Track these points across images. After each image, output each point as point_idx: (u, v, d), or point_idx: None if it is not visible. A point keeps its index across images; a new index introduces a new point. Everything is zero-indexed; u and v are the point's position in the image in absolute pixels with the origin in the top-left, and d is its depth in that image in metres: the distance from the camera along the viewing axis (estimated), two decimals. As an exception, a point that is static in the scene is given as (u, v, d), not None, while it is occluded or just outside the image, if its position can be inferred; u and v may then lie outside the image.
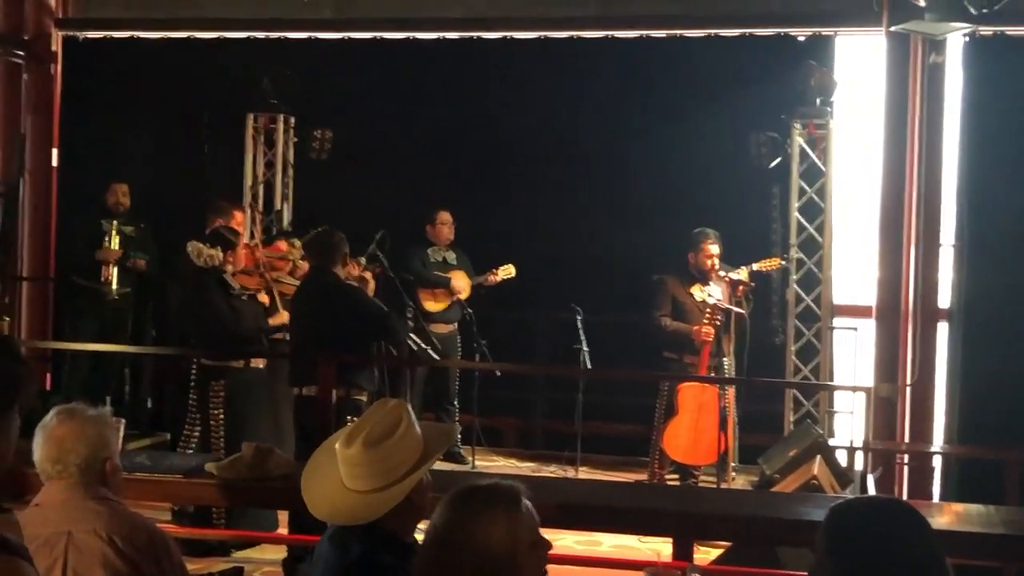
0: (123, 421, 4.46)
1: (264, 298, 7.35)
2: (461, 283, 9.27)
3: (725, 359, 8.13)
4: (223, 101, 10.22)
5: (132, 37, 10.48)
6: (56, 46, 10.31)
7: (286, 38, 10.25)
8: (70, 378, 9.40)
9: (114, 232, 9.26)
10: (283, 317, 7.17)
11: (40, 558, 3.12)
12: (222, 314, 6.83)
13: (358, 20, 10.21)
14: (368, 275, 7.47)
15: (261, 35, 10.27)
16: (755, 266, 8.21)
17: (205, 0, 10.48)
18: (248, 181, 10.08)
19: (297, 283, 7.46)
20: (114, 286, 9.21)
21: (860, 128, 9.67)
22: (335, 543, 3.06)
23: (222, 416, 6.81)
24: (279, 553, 6.68)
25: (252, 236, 8.83)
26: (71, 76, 10.46)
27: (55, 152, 10.24)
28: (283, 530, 6.71)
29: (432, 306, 9.18)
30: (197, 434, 6.99)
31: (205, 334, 7.02)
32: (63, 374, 9.58)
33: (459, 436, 8.80)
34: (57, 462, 3.28)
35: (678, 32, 9.63)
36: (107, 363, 9.46)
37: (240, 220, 8.23)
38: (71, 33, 10.47)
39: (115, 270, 9.23)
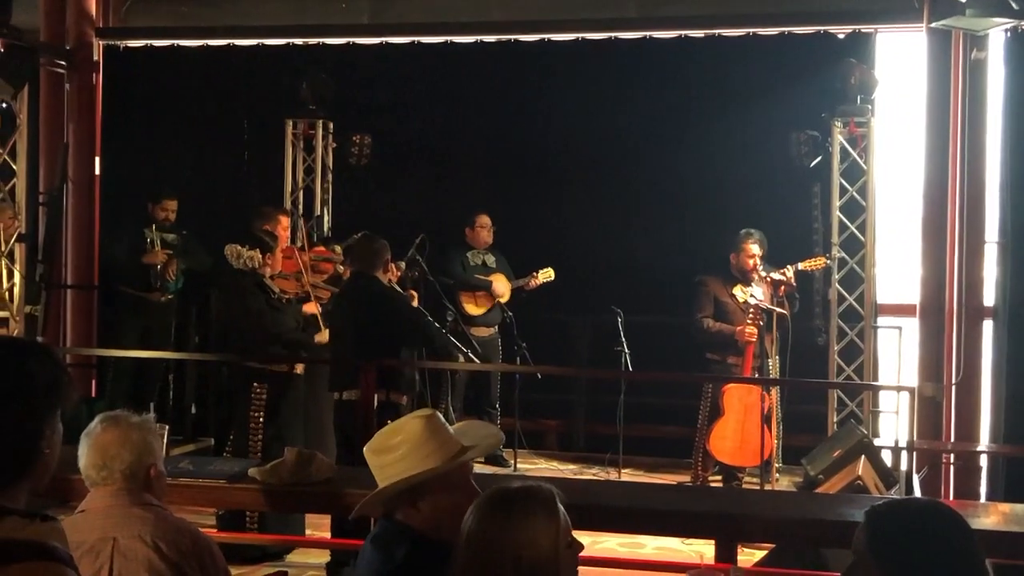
0: (167, 427, 4.48)
1: (312, 307, 7.34)
2: (502, 286, 9.27)
3: (770, 360, 8.08)
4: (262, 108, 10.30)
5: (172, 46, 10.58)
6: (97, 55, 10.40)
7: (324, 44, 10.29)
8: (114, 385, 9.47)
9: (157, 240, 9.33)
10: (324, 335, 7.16)
11: (85, 564, 3.14)
12: (263, 315, 6.84)
13: (396, 25, 10.25)
14: (414, 292, 7.49)
15: (300, 42, 10.32)
16: (800, 266, 8.16)
17: (244, 8, 10.55)
18: (288, 187, 10.14)
19: (334, 290, 7.48)
20: (167, 285, 9.28)
21: (902, 126, 9.60)
22: (378, 545, 3.09)
23: (261, 418, 6.83)
24: (320, 557, 6.71)
25: (296, 240, 8.86)
26: (112, 85, 10.56)
27: (97, 160, 10.34)
28: (326, 534, 6.74)
29: (473, 309, 9.19)
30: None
31: (245, 336, 7.02)
32: (107, 381, 9.66)
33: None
34: (102, 468, 3.31)
35: (717, 32, 9.60)
36: (151, 369, 9.52)
37: (286, 225, 8.26)
38: (112, 42, 10.57)
39: (164, 270, 9.31)
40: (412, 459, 3.07)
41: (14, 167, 8.86)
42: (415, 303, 7.37)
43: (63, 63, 10.00)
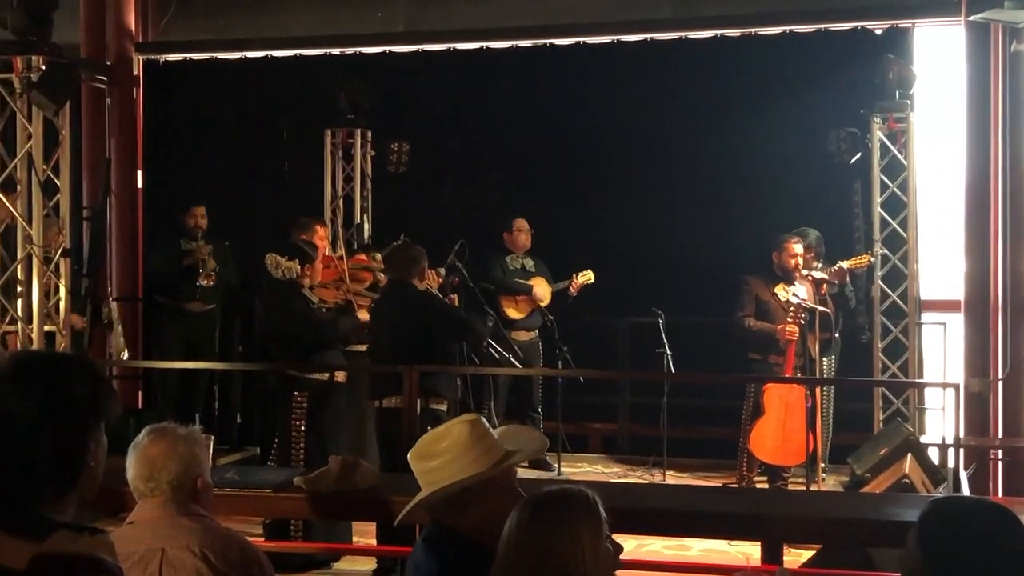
0: (212, 437, 4.52)
1: (364, 315, 7.37)
2: (542, 290, 9.27)
3: (825, 359, 8.03)
4: (301, 118, 10.37)
5: (211, 58, 10.67)
6: (137, 70, 10.51)
7: (361, 53, 10.35)
8: (160, 395, 9.55)
9: (197, 253, 9.39)
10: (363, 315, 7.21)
11: (134, 575, 3.17)
12: (309, 318, 6.86)
13: (431, 32, 10.28)
14: (454, 297, 7.50)
15: (336, 51, 10.38)
16: (845, 264, 8.12)
17: (281, 20, 10.61)
18: (328, 196, 10.19)
19: (375, 296, 7.50)
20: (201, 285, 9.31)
21: (941, 120, 9.53)
22: (429, 546, 3.14)
23: (303, 427, 6.86)
24: (367, 564, 6.73)
25: (336, 248, 8.90)
26: (153, 99, 10.67)
27: (139, 174, 10.44)
28: (372, 541, 6.76)
29: (514, 313, 9.19)
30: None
31: (289, 343, 7.04)
32: (153, 392, 9.73)
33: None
34: (150, 480, 3.34)
35: (752, 30, 9.57)
36: (196, 380, 9.58)
37: (323, 235, 8.29)
38: (151, 57, 10.67)
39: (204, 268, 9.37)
40: (456, 465, 3.09)
41: (57, 183, 8.93)
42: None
43: (104, 78, 10.11)
